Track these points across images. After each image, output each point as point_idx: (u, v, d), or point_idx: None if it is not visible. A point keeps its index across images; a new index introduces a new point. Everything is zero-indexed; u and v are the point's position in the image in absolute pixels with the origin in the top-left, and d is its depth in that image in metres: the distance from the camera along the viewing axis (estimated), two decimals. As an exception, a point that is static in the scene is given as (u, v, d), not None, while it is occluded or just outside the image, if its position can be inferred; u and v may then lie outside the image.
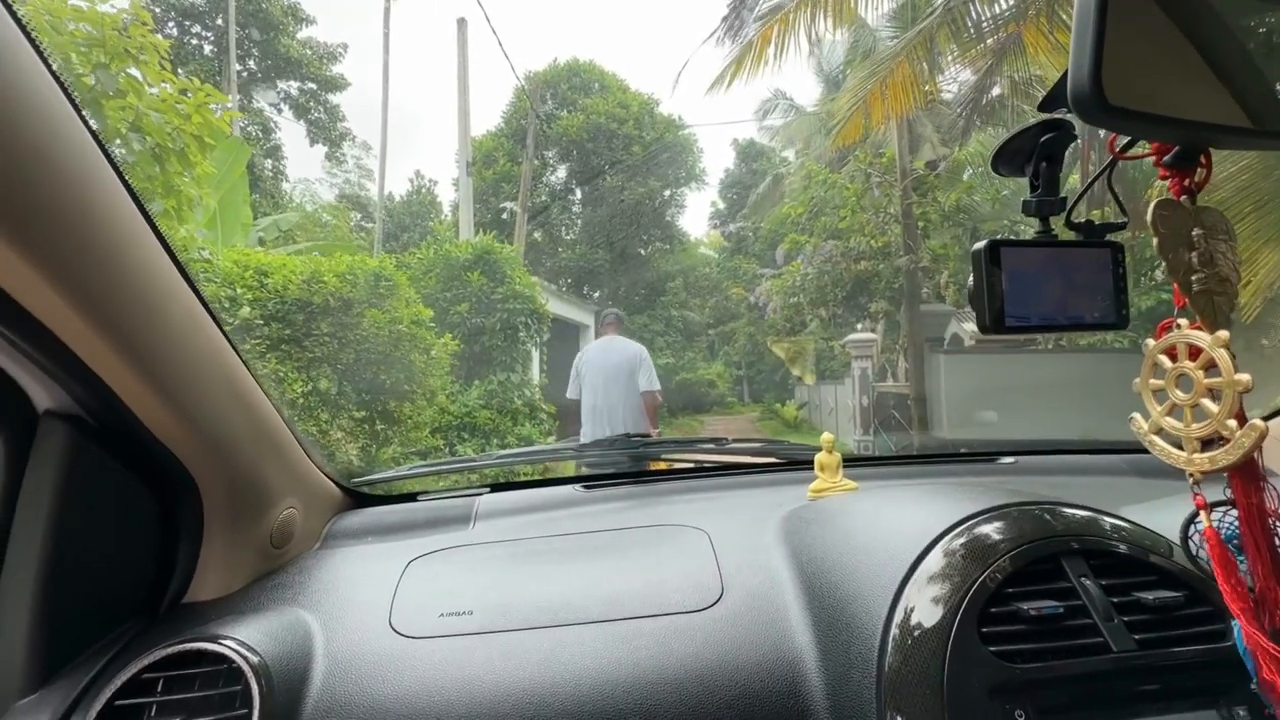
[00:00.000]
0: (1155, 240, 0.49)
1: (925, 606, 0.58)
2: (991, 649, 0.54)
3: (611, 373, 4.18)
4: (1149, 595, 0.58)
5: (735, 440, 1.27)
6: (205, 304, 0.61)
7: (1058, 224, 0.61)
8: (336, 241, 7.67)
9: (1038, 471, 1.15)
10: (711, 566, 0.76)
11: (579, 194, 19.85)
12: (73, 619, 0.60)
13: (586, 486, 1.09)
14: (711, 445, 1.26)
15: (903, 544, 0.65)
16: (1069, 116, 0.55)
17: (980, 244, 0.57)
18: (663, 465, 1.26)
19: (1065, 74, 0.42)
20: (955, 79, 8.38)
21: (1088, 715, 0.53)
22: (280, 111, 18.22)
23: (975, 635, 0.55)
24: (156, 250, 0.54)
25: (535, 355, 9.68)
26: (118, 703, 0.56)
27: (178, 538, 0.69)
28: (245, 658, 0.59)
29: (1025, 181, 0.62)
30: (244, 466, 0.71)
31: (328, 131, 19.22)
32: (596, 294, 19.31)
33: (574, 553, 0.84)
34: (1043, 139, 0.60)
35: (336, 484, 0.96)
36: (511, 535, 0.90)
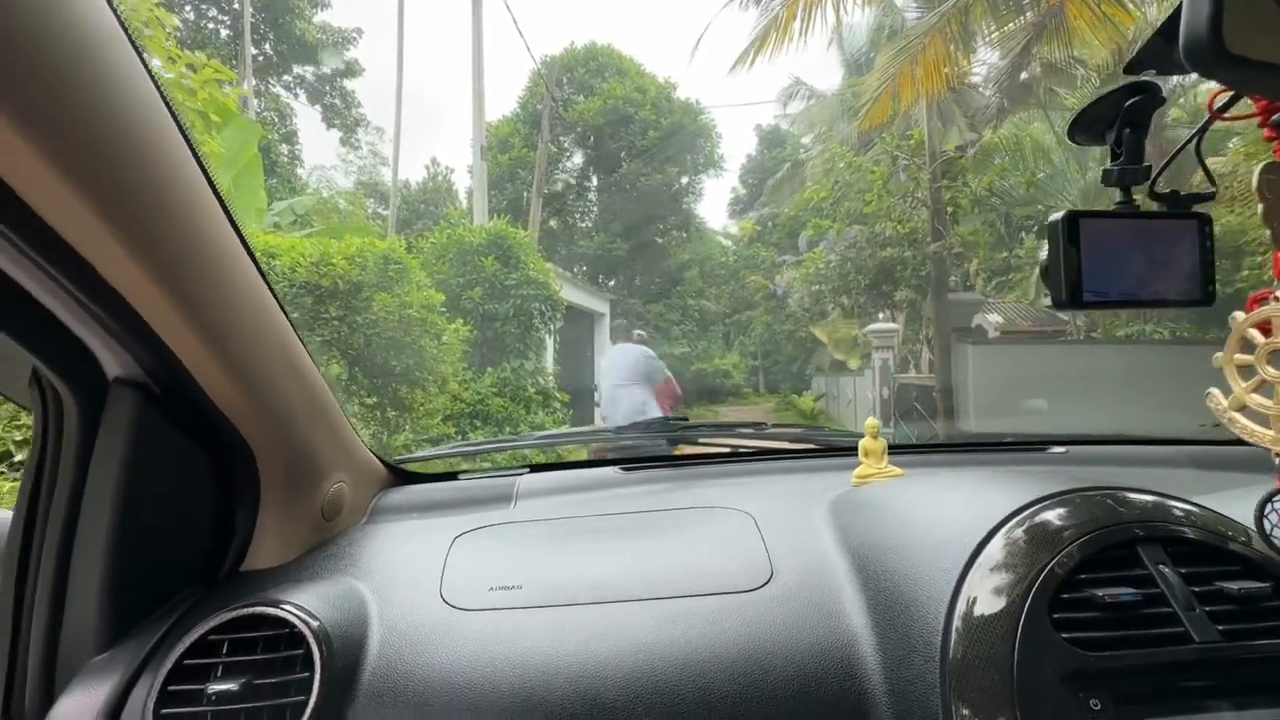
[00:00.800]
0: (1260, 206, 0.48)
1: (991, 592, 0.57)
2: (1064, 635, 0.53)
3: (620, 376, 4.79)
4: (1234, 585, 0.55)
5: (774, 425, 1.24)
6: (267, 282, 0.62)
7: (1140, 194, 0.59)
8: (351, 226, 7.55)
9: (1091, 461, 1.11)
10: (759, 548, 0.76)
11: (595, 181, 19.57)
12: (139, 582, 0.62)
13: (625, 468, 1.08)
14: (750, 430, 1.25)
15: (964, 529, 0.64)
16: (1156, 79, 0.54)
17: (1057, 215, 0.55)
18: (701, 449, 1.24)
19: (1155, 33, 0.41)
20: (986, 61, 7.99)
21: (1166, 706, 0.51)
22: (296, 96, 18.17)
23: (1047, 621, 0.53)
24: (227, 229, 0.55)
25: (549, 342, 9.54)
26: (186, 662, 0.58)
27: (235, 507, 0.71)
28: (306, 622, 0.60)
29: (1062, 165, 0.62)
30: (299, 439, 0.72)
31: (343, 117, 19.15)
32: (612, 282, 19.12)
33: (618, 532, 0.84)
34: (1127, 103, 0.56)
35: (382, 461, 0.98)
36: (553, 514, 0.90)
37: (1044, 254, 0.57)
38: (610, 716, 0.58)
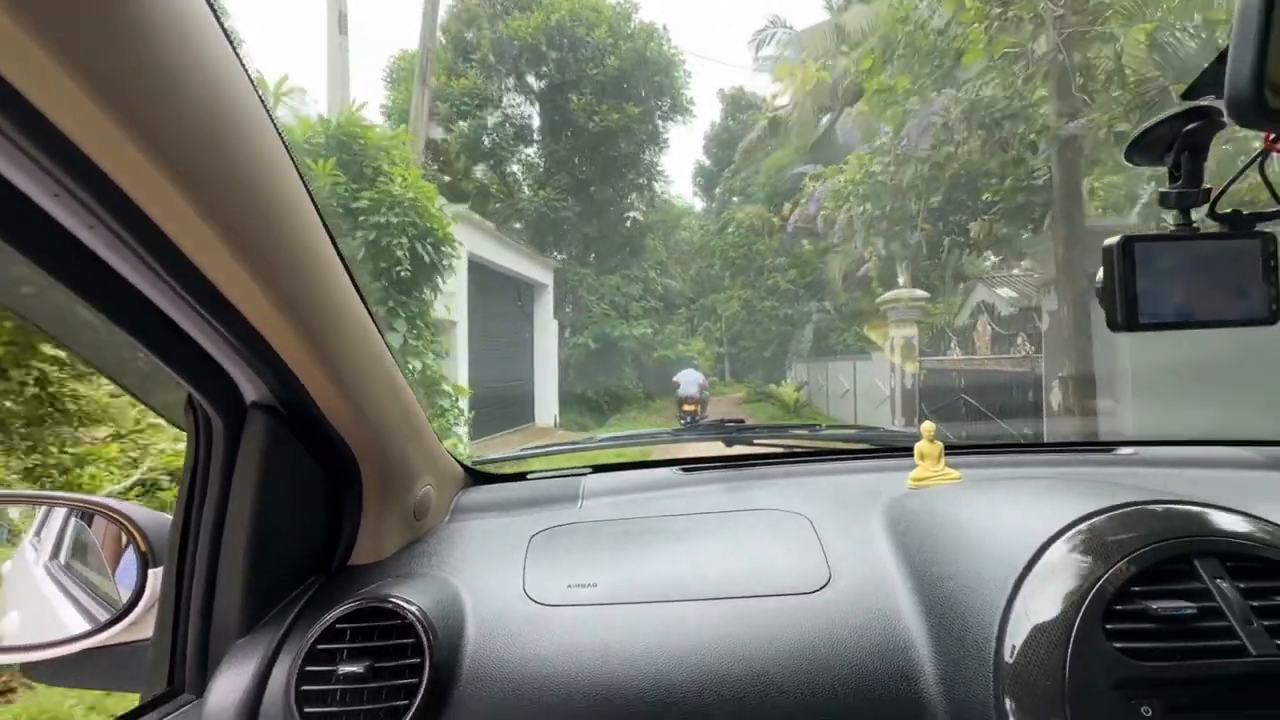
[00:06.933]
0: None
1: (1046, 600, 0.58)
2: (1116, 645, 0.53)
3: None
4: None
5: (829, 427, 1.37)
6: (370, 311, 0.68)
7: (1199, 215, 0.58)
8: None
9: (1160, 464, 1.08)
10: (817, 551, 0.79)
11: (538, 120, 15.96)
12: (271, 576, 0.70)
13: (684, 469, 1.10)
14: (805, 431, 1.30)
15: (1020, 538, 0.64)
16: (1216, 103, 0.53)
17: (1113, 240, 0.57)
18: (756, 449, 1.22)
19: (1214, 61, 0.42)
20: None
21: (1218, 717, 0.51)
22: None
23: (1100, 630, 0.54)
24: (339, 266, 0.61)
25: (444, 308, 6.24)
26: (318, 647, 0.64)
27: (343, 511, 0.78)
28: (415, 614, 0.66)
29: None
30: (395, 449, 0.78)
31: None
32: (560, 255, 15.68)
33: (682, 533, 0.87)
34: (1186, 128, 0.57)
35: (459, 463, 1.04)
36: (617, 514, 0.95)
37: (1100, 276, 0.58)
38: (682, 706, 0.62)
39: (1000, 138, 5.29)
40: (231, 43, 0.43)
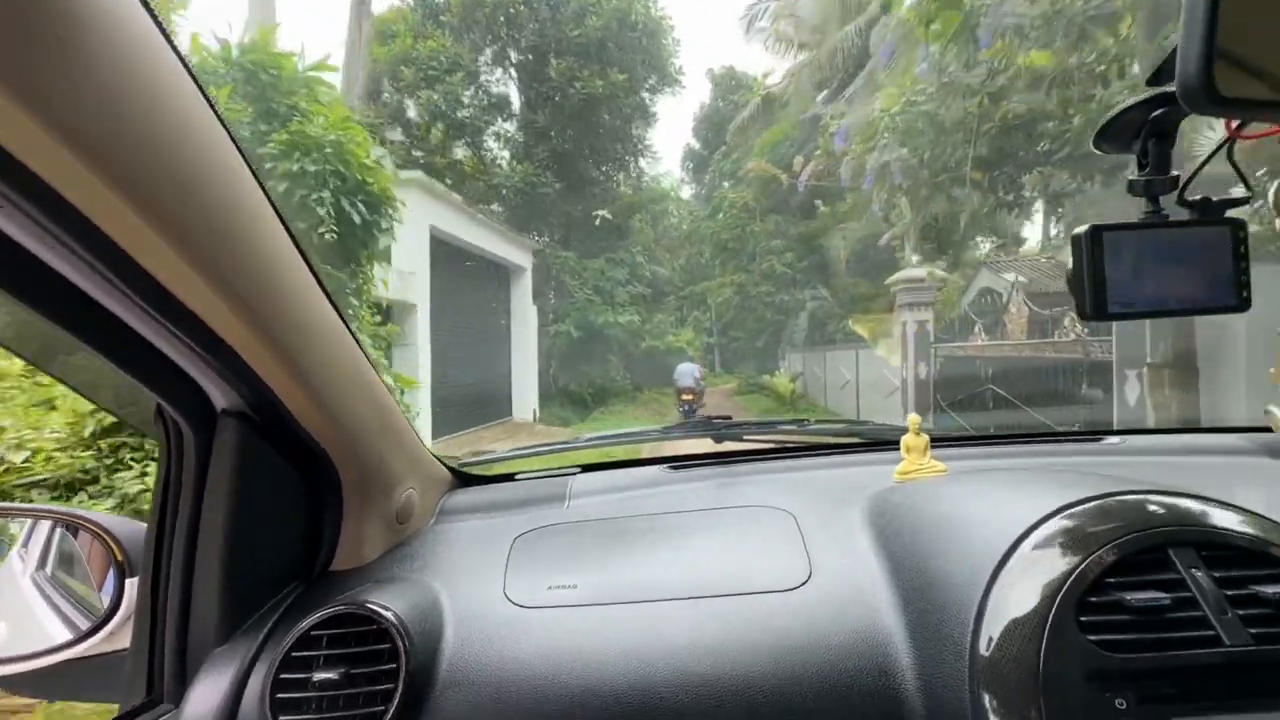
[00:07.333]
0: (1278, 221, 0.59)
1: (1021, 593, 0.58)
2: (1090, 638, 0.53)
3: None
4: (1270, 589, 0.55)
5: (818, 421, 1.31)
6: (340, 313, 0.67)
7: (1168, 202, 0.59)
8: None
9: (1147, 453, 1.07)
10: (799, 547, 0.78)
11: (515, 88, 14.68)
12: (249, 584, 0.69)
13: (673, 467, 1.09)
14: (793, 426, 1.29)
15: (996, 530, 0.65)
16: None
17: (1081, 229, 0.57)
18: (745, 445, 1.21)
19: (1175, 49, 0.42)
20: None
21: (1193, 708, 0.51)
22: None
23: (1074, 623, 0.54)
24: (303, 270, 0.60)
25: (395, 281, 5.16)
26: (293, 654, 0.63)
27: (322, 516, 0.77)
28: (391, 620, 0.65)
29: None
30: (373, 453, 0.77)
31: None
32: (541, 237, 14.52)
33: (665, 532, 0.86)
34: (1153, 115, 0.57)
35: (445, 465, 1.02)
36: (604, 514, 0.94)
37: (1069, 265, 0.58)
38: (660, 707, 0.62)
39: (1081, 62, 4.24)
40: (171, 43, 0.42)
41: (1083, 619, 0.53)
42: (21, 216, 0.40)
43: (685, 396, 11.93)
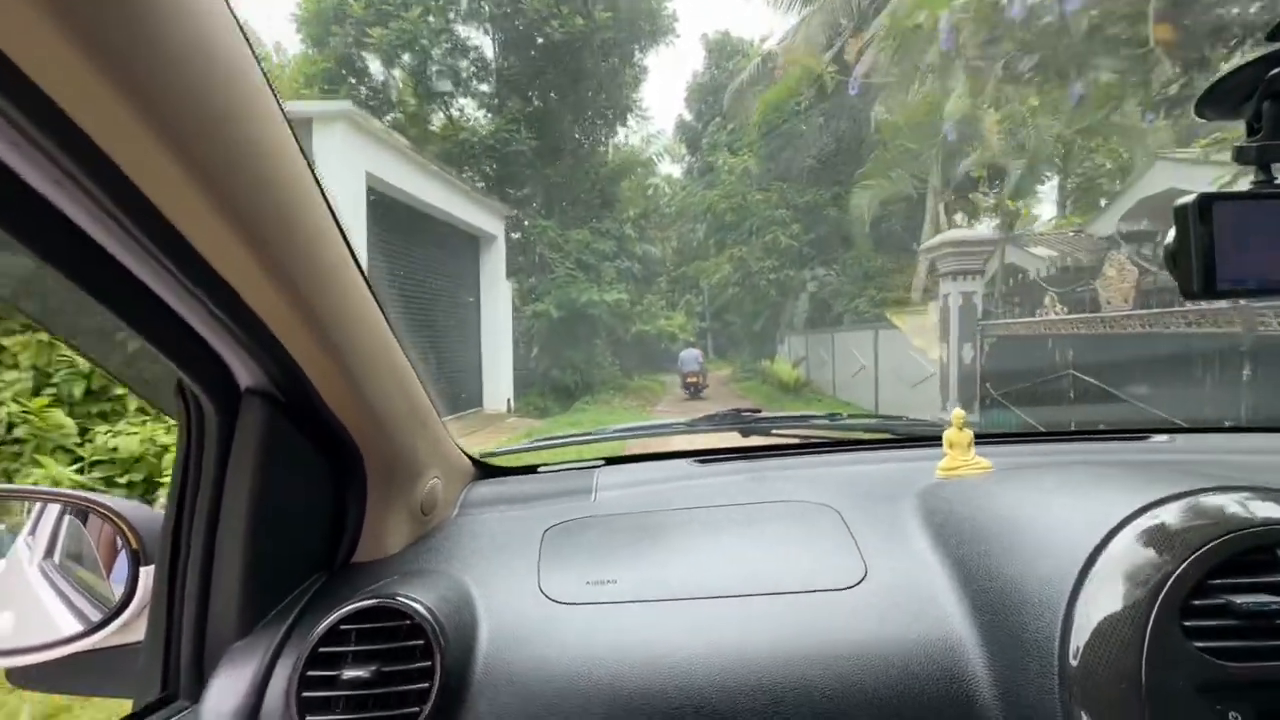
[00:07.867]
0: None
1: (1113, 597, 0.54)
2: (1197, 645, 0.49)
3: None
4: None
5: (850, 416, 1.27)
6: (375, 295, 0.65)
7: None
8: None
9: (1202, 452, 1.01)
10: (849, 545, 0.75)
11: (480, 26, 12.79)
12: (271, 573, 0.66)
13: (699, 461, 1.07)
14: (825, 420, 1.23)
15: (1077, 531, 0.61)
16: None
17: (1187, 199, 0.53)
18: (773, 440, 1.18)
19: None
20: None
21: None
22: None
23: (1177, 629, 0.50)
24: (342, 246, 0.59)
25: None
26: (320, 650, 0.60)
27: (347, 505, 0.74)
28: (425, 614, 0.62)
29: None
30: (401, 441, 0.75)
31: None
32: (516, 193, 12.86)
33: (703, 526, 0.83)
34: (1270, 74, 0.52)
35: (467, 455, 1.01)
36: (633, 507, 0.91)
37: (1171, 238, 0.55)
38: (710, 712, 0.59)
39: None
40: (231, 10, 0.42)
41: (1186, 624, 0.50)
42: (57, 171, 0.39)
43: (690, 379, 13.00)
